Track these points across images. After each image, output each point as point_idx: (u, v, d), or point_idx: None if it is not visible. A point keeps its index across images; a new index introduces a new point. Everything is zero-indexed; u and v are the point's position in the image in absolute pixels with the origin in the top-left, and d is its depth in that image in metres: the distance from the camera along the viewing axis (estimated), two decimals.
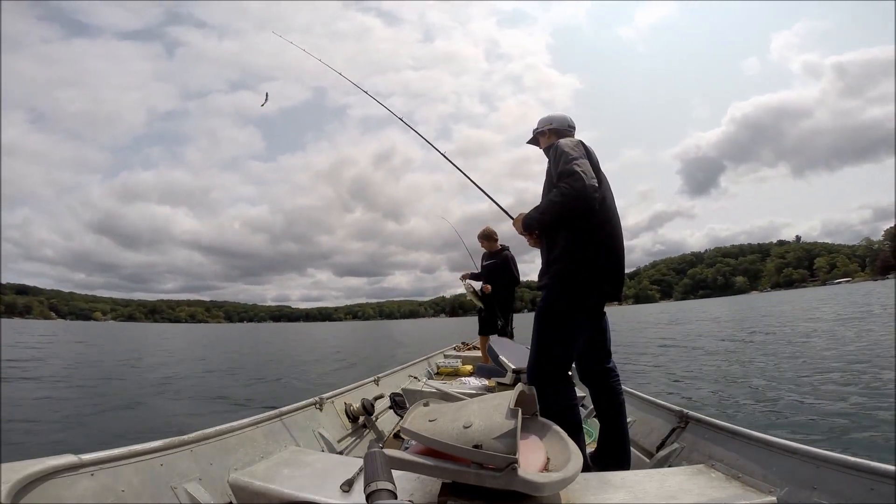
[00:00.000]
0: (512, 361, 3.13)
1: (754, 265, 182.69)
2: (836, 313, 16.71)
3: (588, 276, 1.67)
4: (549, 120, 2.04)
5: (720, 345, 10.57)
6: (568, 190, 1.60)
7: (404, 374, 3.60)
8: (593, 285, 1.69)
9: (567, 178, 1.61)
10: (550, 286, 1.73)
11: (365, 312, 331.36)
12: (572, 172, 1.60)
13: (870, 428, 3.50)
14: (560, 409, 1.63)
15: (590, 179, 1.60)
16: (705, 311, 35.08)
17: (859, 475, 1.03)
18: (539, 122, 2.08)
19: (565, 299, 1.69)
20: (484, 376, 3.61)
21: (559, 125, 2.02)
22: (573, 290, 1.69)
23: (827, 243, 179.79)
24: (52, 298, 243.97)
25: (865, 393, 4.62)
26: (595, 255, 1.68)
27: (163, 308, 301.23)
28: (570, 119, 2.05)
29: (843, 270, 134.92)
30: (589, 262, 1.67)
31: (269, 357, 14.38)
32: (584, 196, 1.59)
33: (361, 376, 3.08)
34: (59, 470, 0.96)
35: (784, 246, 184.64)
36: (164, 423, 4.76)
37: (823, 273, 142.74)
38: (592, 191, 1.61)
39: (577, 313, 1.70)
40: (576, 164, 1.63)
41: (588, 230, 1.68)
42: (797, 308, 23.66)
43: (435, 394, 3.03)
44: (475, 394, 2.98)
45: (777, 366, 6.80)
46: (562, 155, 1.69)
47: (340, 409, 2.27)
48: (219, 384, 8.08)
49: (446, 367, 4.21)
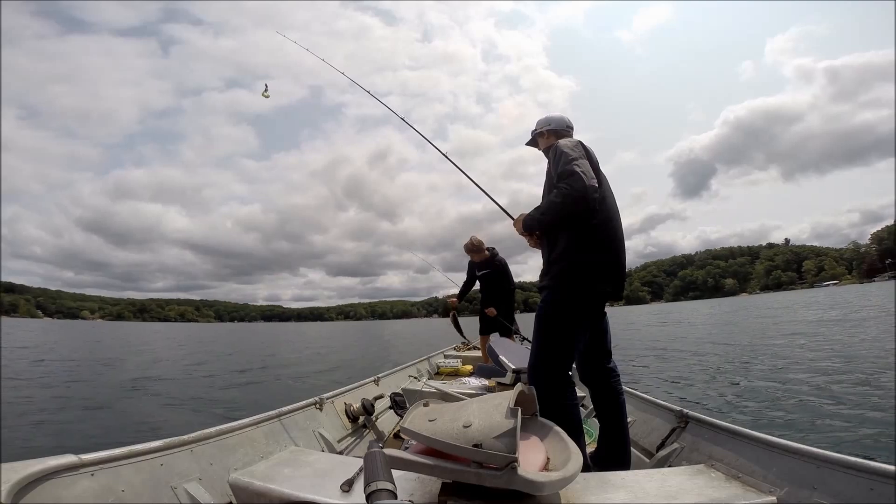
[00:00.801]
0: (512, 361, 3.13)
1: (744, 268, 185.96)
2: (821, 316, 16.78)
3: (589, 276, 1.67)
4: (548, 121, 2.04)
5: (713, 346, 10.58)
6: (568, 190, 1.60)
7: (404, 374, 3.60)
8: (595, 285, 1.69)
9: (567, 179, 1.61)
10: (552, 287, 1.73)
11: (357, 312, 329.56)
12: (572, 173, 1.61)
13: (870, 428, 3.50)
14: (561, 409, 1.63)
15: (589, 180, 1.61)
16: (696, 312, 35.17)
17: (859, 475, 1.03)
18: (537, 123, 2.08)
19: (567, 300, 1.69)
20: (484, 376, 3.61)
21: (557, 126, 2.02)
22: (575, 291, 1.68)
23: (815, 246, 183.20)
24: (38, 296, 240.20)
25: (865, 393, 4.62)
26: (596, 255, 1.68)
27: (152, 307, 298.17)
28: (568, 120, 2.05)
29: (831, 273, 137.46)
30: (590, 262, 1.67)
31: (249, 357, 14.11)
32: (585, 196, 1.60)
33: (349, 379, 3.05)
34: (59, 470, 0.96)
35: (773, 249, 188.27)
36: (121, 429, 4.43)
37: (811, 276, 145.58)
38: (592, 191, 1.61)
39: (578, 313, 1.70)
40: (575, 164, 1.63)
41: (589, 230, 1.68)
42: (788, 309, 23.65)
43: (435, 394, 3.03)
44: (475, 394, 2.98)
45: (774, 366, 6.81)
46: (561, 156, 1.69)
47: (340, 409, 2.27)
48: (194, 386, 7.71)
49: (446, 367, 4.21)
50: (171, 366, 11.33)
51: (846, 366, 6.19)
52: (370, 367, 8.46)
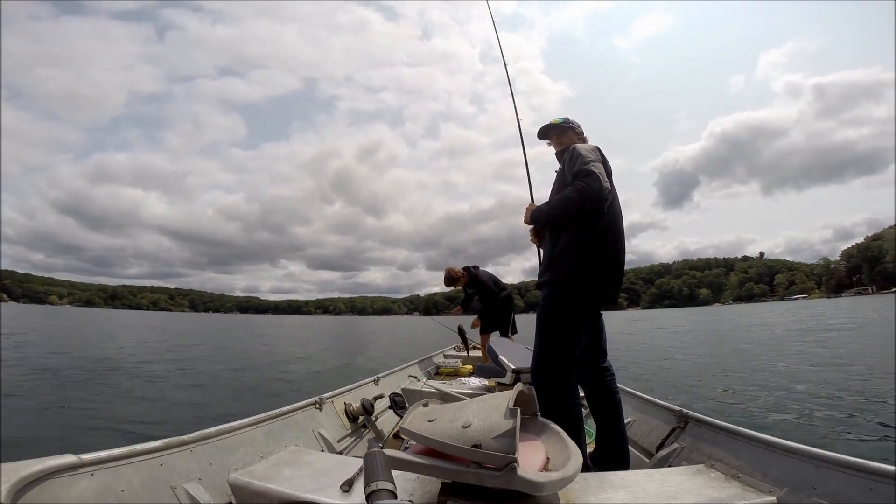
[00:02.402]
0: (512, 361, 3.13)
1: (719, 278, 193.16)
2: (806, 324, 16.95)
3: (590, 275, 1.69)
4: (569, 121, 2.06)
5: (703, 349, 10.64)
6: (584, 188, 1.64)
7: (404, 374, 3.60)
8: (595, 285, 1.71)
9: (584, 178, 1.66)
10: (553, 283, 1.74)
11: (336, 307, 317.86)
12: (590, 172, 1.65)
13: (869, 428, 3.50)
14: (563, 409, 1.64)
15: (605, 182, 1.66)
16: (674, 318, 35.04)
17: (859, 475, 1.03)
18: (574, 122, 2.07)
19: (569, 298, 1.70)
20: (484, 376, 3.62)
21: (577, 128, 2.04)
22: (576, 288, 1.70)
23: (788, 261, 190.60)
24: (6, 279, 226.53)
25: (864, 393, 4.62)
26: (598, 256, 1.70)
27: (124, 294, 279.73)
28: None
29: (801, 287, 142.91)
30: (592, 262, 1.69)
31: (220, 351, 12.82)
32: (598, 196, 1.64)
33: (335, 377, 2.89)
34: (59, 470, 0.96)
35: (748, 261, 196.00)
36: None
37: (782, 289, 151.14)
38: (606, 192, 1.66)
39: (580, 312, 1.71)
40: (593, 165, 1.68)
41: (594, 231, 1.71)
42: (772, 319, 23.54)
43: (435, 394, 3.03)
44: (475, 394, 2.98)
45: (772, 370, 6.82)
46: (578, 156, 1.73)
47: (340, 409, 2.27)
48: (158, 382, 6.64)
49: (446, 367, 4.21)
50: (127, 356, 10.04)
51: (842, 369, 6.21)
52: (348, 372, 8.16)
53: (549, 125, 2.05)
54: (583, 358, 1.83)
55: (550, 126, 2.04)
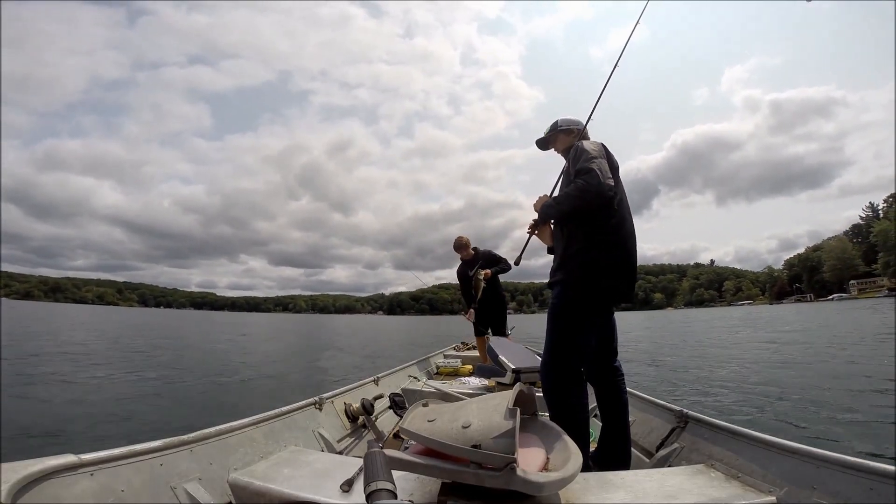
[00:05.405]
0: (512, 361, 3.13)
1: (672, 284, 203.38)
2: (804, 326, 16.91)
3: (604, 273, 1.70)
4: (571, 122, 2.10)
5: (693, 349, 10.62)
6: (584, 185, 1.66)
7: (404, 374, 3.60)
8: (609, 283, 1.72)
9: (584, 175, 1.68)
10: (566, 282, 1.75)
11: (296, 305, 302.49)
12: (589, 170, 1.67)
13: (869, 428, 3.50)
14: (571, 409, 1.65)
15: (605, 178, 1.67)
16: (631, 321, 34.86)
17: (859, 475, 1.03)
18: (562, 122, 2.11)
19: (581, 296, 1.71)
20: (484, 376, 3.61)
21: (579, 128, 2.08)
22: (589, 287, 1.71)
23: (736, 268, 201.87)
24: None
25: (864, 393, 4.62)
26: (611, 254, 1.71)
27: (67, 286, 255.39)
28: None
29: (747, 294, 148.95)
30: (605, 260, 1.70)
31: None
32: (599, 192, 1.65)
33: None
34: (59, 470, 0.96)
35: (700, 268, 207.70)
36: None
37: (730, 295, 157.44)
38: (607, 189, 1.66)
39: (591, 310, 1.72)
40: (594, 162, 1.69)
41: (605, 230, 1.72)
42: (767, 321, 23.53)
43: (434, 394, 3.03)
44: (475, 394, 2.98)
45: (762, 371, 6.83)
46: (582, 154, 1.75)
47: (340, 409, 2.27)
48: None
49: (446, 367, 4.21)
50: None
51: (845, 367, 6.20)
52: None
53: (543, 138, 2.13)
54: (595, 357, 1.83)
55: (554, 131, 2.11)
